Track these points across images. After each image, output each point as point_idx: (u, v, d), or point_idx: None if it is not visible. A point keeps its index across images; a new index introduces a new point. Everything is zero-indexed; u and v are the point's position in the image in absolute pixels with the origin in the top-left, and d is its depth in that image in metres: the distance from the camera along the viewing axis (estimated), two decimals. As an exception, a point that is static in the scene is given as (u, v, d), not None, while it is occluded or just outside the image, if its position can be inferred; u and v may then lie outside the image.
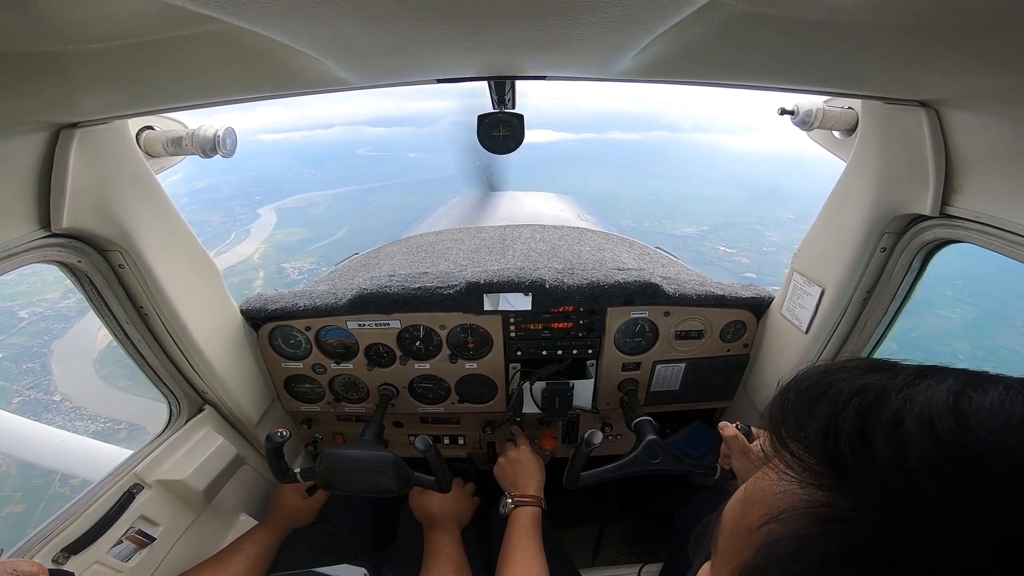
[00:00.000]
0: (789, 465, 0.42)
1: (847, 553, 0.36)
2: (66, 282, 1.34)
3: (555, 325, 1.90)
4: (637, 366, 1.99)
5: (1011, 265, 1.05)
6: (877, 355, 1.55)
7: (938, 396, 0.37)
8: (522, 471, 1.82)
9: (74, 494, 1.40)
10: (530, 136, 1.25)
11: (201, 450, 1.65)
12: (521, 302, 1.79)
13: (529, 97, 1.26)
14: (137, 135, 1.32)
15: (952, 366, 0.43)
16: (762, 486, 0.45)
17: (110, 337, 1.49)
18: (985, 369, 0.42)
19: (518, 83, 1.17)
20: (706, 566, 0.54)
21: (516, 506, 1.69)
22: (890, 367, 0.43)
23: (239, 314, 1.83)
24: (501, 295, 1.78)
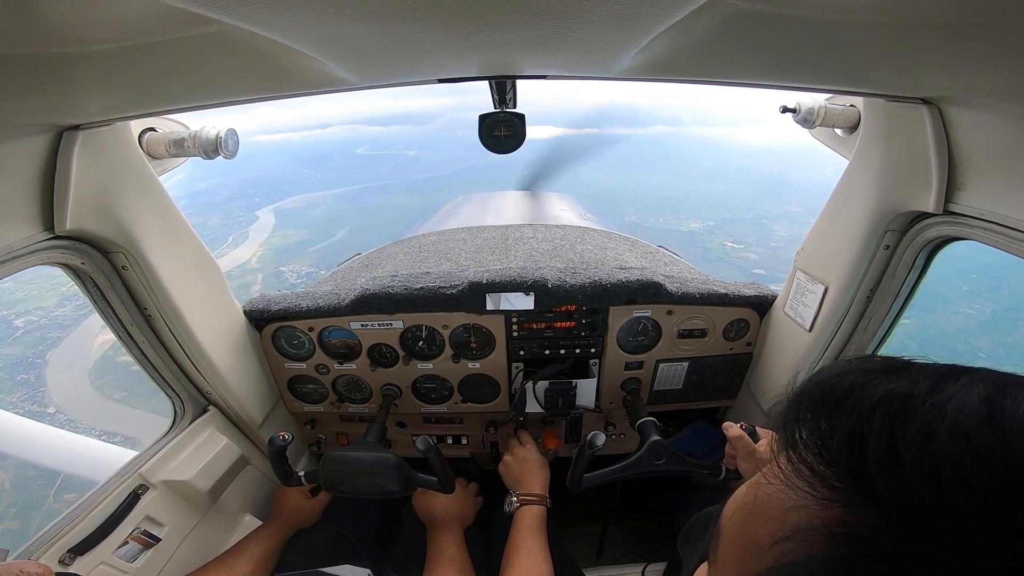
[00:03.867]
0: (802, 478, 0.38)
1: None
2: (62, 289, 1.33)
3: (557, 324, 1.90)
4: (640, 365, 1.99)
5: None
6: (880, 352, 1.55)
7: (970, 405, 0.34)
8: (528, 470, 1.83)
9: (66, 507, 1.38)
10: (533, 132, 1.25)
11: (206, 451, 1.65)
12: (523, 302, 1.79)
13: (530, 93, 1.26)
14: (139, 137, 1.32)
15: (970, 366, 0.40)
16: (768, 495, 0.41)
17: (105, 346, 1.48)
18: (1010, 370, 0.38)
19: (519, 82, 1.17)
20: (703, 568, 0.52)
21: (522, 504, 1.69)
22: (908, 368, 0.40)
23: (242, 315, 1.83)
24: (503, 295, 1.78)
